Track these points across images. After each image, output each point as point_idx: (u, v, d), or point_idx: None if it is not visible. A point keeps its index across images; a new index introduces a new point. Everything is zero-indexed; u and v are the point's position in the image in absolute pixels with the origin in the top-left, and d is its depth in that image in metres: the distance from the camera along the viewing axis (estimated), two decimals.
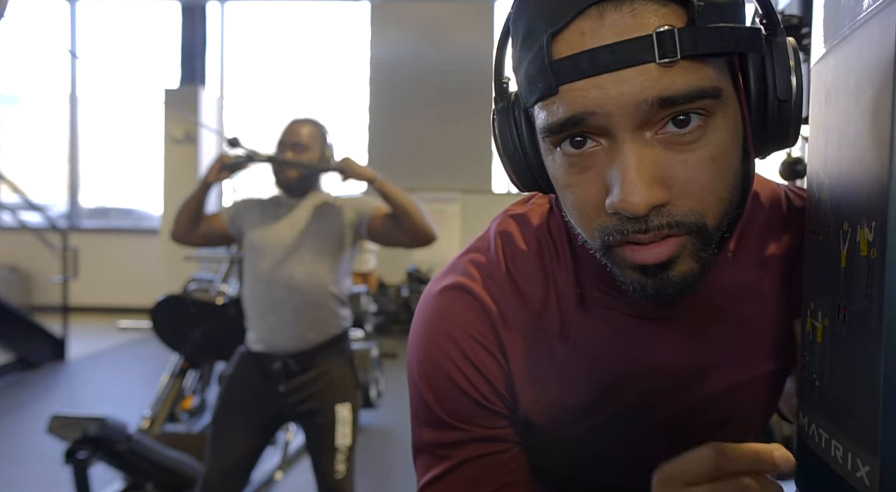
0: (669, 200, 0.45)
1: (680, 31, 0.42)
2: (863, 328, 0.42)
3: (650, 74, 0.43)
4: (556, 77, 0.45)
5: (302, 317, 1.93)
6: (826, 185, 0.50)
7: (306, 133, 1.99)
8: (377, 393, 3.96)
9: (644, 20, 0.43)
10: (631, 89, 0.43)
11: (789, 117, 0.49)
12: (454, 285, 0.60)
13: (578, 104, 0.44)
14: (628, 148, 0.45)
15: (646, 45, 0.42)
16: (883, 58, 0.40)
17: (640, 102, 0.43)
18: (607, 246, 0.49)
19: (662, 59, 0.42)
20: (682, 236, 0.47)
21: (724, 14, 0.45)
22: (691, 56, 0.43)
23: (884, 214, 0.39)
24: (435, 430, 0.61)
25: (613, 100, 0.43)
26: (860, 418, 0.42)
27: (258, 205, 2.03)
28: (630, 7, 0.43)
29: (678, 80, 0.43)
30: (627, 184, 0.44)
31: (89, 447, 2.19)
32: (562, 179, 0.49)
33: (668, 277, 0.48)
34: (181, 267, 6.22)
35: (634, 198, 0.44)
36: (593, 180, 0.47)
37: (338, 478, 1.91)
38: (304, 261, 1.93)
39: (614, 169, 0.45)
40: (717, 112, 0.46)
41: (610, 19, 0.43)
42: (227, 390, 1.99)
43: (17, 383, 4.81)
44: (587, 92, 0.44)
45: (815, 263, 0.53)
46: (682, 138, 0.45)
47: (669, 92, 0.43)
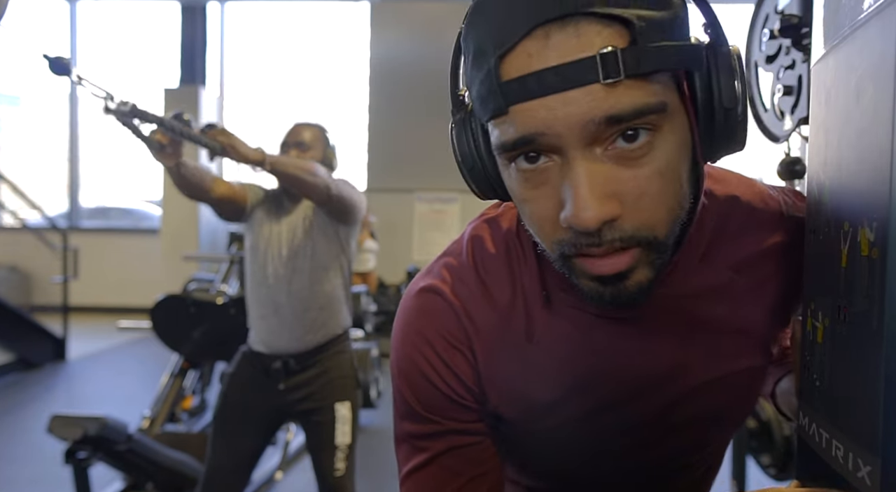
0: (621, 214, 0.47)
1: (623, 51, 0.43)
2: (863, 328, 0.42)
3: (596, 94, 0.44)
4: (506, 98, 0.46)
5: (302, 320, 1.93)
6: (826, 185, 0.50)
7: (309, 134, 2.00)
8: (377, 393, 3.96)
9: (588, 41, 0.44)
10: (578, 110, 0.44)
11: (736, 123, 0.50)
12: (427, 288, 0.63)
13: (528, 125, 0.46)
14: (579, 165, 0.46)
15: (590, 66, 0.43)
16: (883, 58, 0.40)
17: (587, 122, 0.44)
18: (564, 257, 0.50)
19: (606, 79, 0.43)
20: (635, 249, 0.48)
21: (666, 32, 0.45)
22: (635, 75, 0.44)
23: (885, 214, 0.39)
24: (413, 423, 0.64)
25: (561, 120, 0.45)
26: (860, 418, 0.42)
27: (267, 200, 2.02)
28: (574, 28, 0.44)
29: (623, 99, 0.44)
30: (579, 200, 0.45)
31: (89, 447, 2.19)
32: (518, 193, 0.51)
33: (623, 287, 0.50)
34: (181, 267, 6.23)
35: (586, 213, 0.45)
36: (548, 195, 0.48)
37: (338, 476, 1.92)
38: (304, 264, 1.93)
39: (566, 185, 0.46)
40: (664, 125, 0.47)
41: (555, 40, 0.44)
42: (229, 390, 1.99)
43: (17, 383, 4.81)
44: (536, 113, 0.45)
45: (816, 264, 0.53)
46: (632, 153, 0.46)
47: (615, 111, 0.44)
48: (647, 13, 0.44)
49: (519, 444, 0.67)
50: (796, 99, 1.30)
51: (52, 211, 7.48)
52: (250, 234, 2.00)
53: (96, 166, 8.45)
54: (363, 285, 5.06)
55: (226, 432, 1.95)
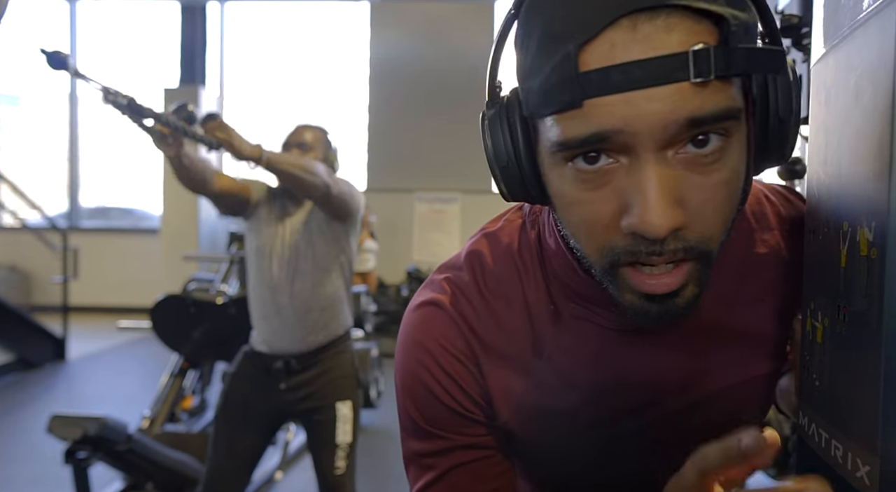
0: (685, 223, 0.45)
1: (715, 49, 0.41)
2: (863, 328, 0.42)
3: (683, 94, 0.42)
4: (583, 90, 0.42)
5: (304, 320, 1.94)
6: (826, 185, 0.50)
7: (310, 135, 2.01)
8: (377, 393, 3.96)
9: (677, 36, 0.41)
10: (663, 108, 0.42)
11: (787, 136, 0.49)
12: (429, 301, 0.62)
13: (605, 121, 0.43)
14: (652, 169, 0.43)
15: (681, 63, 0.41)
16: (883, 58, 0.40)
17: (670, 123, 0.42)
18: (614, 265, 0.48)
19: (697, 78, 0.41)
20: (689, 263, 0.47)
21: (751, 34, 0.44)
22: (723, 76, 0.42)
23: (884, 214, 0.39)
24: (419, 440, 0.62)
25: (643, 118, 0.42)
26: (860, 418, 0.42)
27: (270, 200, 2.01)
28: (664, 21, 0.41)
29: (709, 101, 0.42)
30: (650, 205, 0.43)
31: (89, 447, 2.19)
32: (570, 195, 0.48)
33: (673, 304, 0.48)
34: (181, 267, 6.23)
35: (657, 220, 0.43)
36: (607, 198, 0.46)
37: (338, 474, 1.92)
38: (305, 265, 1.93)
39: (634, 188, 0.44)
40: (735, 133, 0.45)
41: (643, 32, 0.41)
42: (230, 389, 1.99)
43: (17, 383, 4.81)
44: (615, 108, 0.42)
45: (815, 264, 0.53)
46: (703, 159, 0.44)
47: (700, 113, 0.42)
48: (738, 13, 0.43)
49: (531, 458, 0.66)
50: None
51: (52, 211, 7.49)
52: (252, 235, 2.00)
53: (96, 166, 8.45)
54: (363, 285, 5.06)
55: (227, 432, 1.95)
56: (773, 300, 0.62)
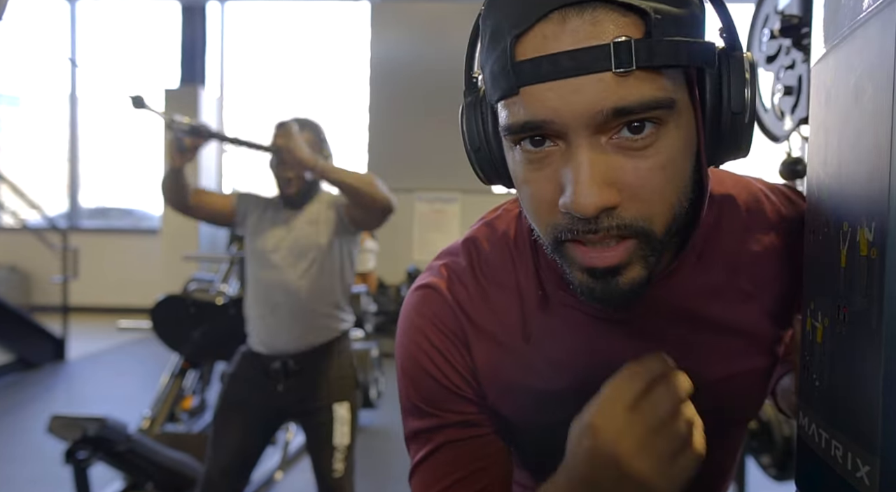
0: (619, 203, 0.47)
1: (636, 42, 0.43)
2: (863, 328, 0.42)
3: (606, 83, 0.44)
4: (518, 78, 0.46)
5: (301, 321, 1.93)
6: (826, 185, 0.50)
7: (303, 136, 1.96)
8: (377, 393, 3.96)
9: (603, 29, 0.44)
10: (587, 98, 0.44)
11: (742, 129, 0.51)
12: (424, 285, 0.65)
13: (538, 111, 0.46)
14: (582, 152, 0.46)
15: (603, 54, 0.44)
16: (883, 58, 0.40)
17: (596, 112, 0.45)
18: (558, 242, 0.51)
19: (618, 69, 0.43)
20: (630, 240, 0.49)
21: (682, 27, 0.46)
22: (647, 67, 0.44)
23: (884, 214, 0.39)
24: (416, 418, 0.65)
25: (570, 109, 0.45)
26: (860, 418, 0.42)
27: (263, 205, 2.02)
28: (591, 15, 0.44)
29: (633, 91, 0.44)
30: (579, 186, 0.46)
31: (89, 447, 2.19)
32: (520, 175, 0.51)
33: (616, 283, 0.50)
34: (181, 267, 6.23)
35: (585, 199, 0.45)
36: (549, 178, 0.49)
37: (336, 477, 1.92)
38: (303, 267, 1.93)
39: (568, 170, 0.47)
40: (670, 121, 0.47)
41: (571, 25, 0.44)
42: (228, 390, 1.99)
43: (17, 383, 4.81)
44: (546, 99, 0.45)
45: (815, 263, 0.53)
46: (635, 144, 0.46)
47: (624, 102, 0.44)
48: (664, 7, 0.45)
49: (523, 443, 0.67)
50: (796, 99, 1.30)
51: (52, 211, 7.49)
52: (250, 237, 2.00)
53: (96, 166, 8.45)
54: (363, 285, 5.06)
55: (226, 433, 1.95)
56: (767, 297, 0.63)
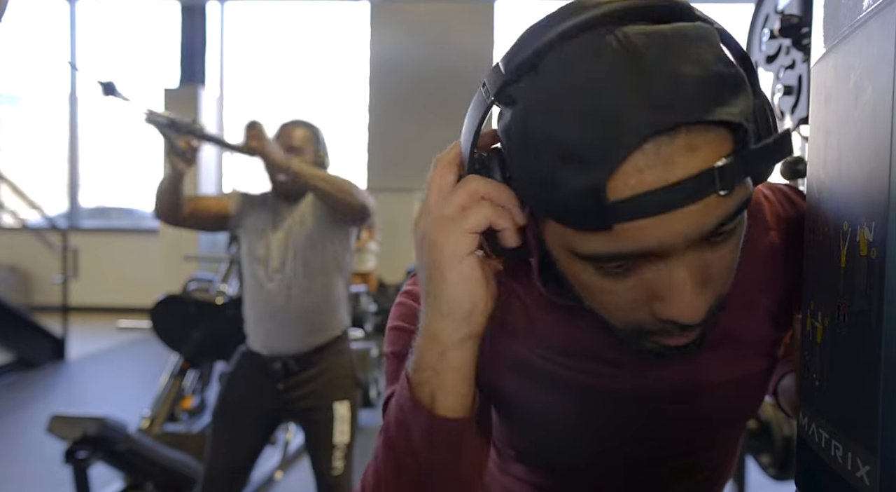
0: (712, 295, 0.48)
1: (735, 160, 0.42)
2: (862, 328, 0.42)
3: (711, 205, 0.43)
4: (615, 217, 0.42)
5: (300, 323, 1.93)
6: (826, 185, 0.50)
7: (298, 136, 1.95)
8: (377, 393, 3.95)
9: (702, 154, 0.42)
10: (693, 222, 0.43)
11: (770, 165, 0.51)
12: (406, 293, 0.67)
13: (637, 242, 0.43)
14: (685, 267, 0.45)
15: (707, 181, 0.42)
16: (883, 58, 0.40)
17: (703, 232, 0.44)
18: (641, 333, 0.50)
19: (723, 191, 0.42)
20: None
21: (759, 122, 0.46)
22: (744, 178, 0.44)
23: (884, 215, 0.39)
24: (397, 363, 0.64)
25: (676, 235, 0.43)
26: (860, 418, 0.42)
27: (259, 204, 2.01)
28: (685, 139, 0.41)
29: (732, 203, 0.44)
30: (686, 299, 0.45)
31: (89, 447, 2.19)
32: (594, 284, 0.48)
33: (686, 348, 0.51)
34: (181, 267, 6.22)
35: (696, 313, 0.46)
36: (635, 288, 0.47)
37: (335, 475, 1.92)
38: (301, 268, 1.92)
39: (666, 283, 0.46)
40: None
41: (666, 154, 0.41)
42: (227, 389, 1.99)
43: (17, 383, 4.81)
44: (648, 230, 0.43)
45: (815, 264, 0.53)
46: (719, 238, 0.46)
47: (726, 216, 0.44)
48: (743, 106, 0.43)
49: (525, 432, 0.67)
50: (796, 99, 1.30)
51: (52, 211, 7.48)
52: (246, 238, 1.98)
53: (96, 166, 8.45)
54: (363, 285, 5.05)
55: (224, 432, 1.95)
56: (768, 299, 0.63)
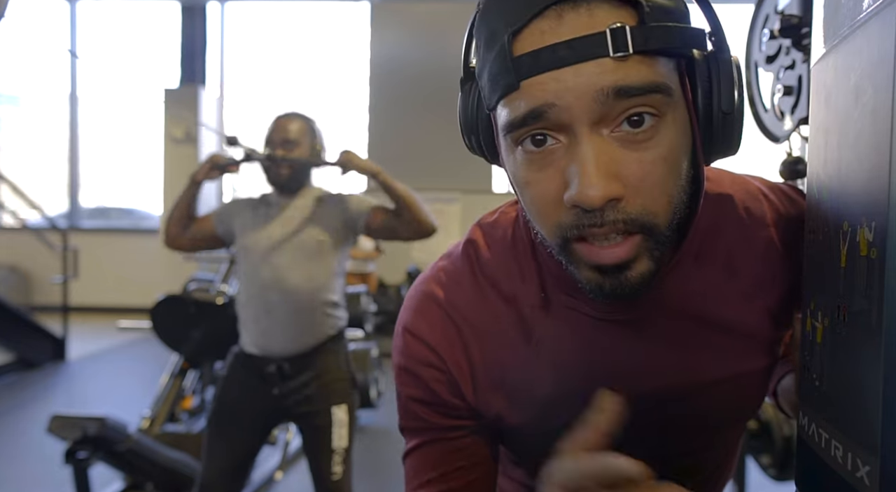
0: (624, 195, 0.48)
1: (632, 28, 0.46)
2: (863, 328, 0.42)
3: (606, 67, 0.46)
4: (518, 72, 0.47)
5: (296, 321, 1.91)
6: (826, 185, 0.50)
7: (295, 129, 1.95)
8: (377, 393, 3.95)
9: (599, 19, 0.46)
10: (588, 80, 0.46)
11: (732, 128, 0.52)
12: (424, 292, 0.66)
13: (539, 97, 0.47)
14: (586, 143, 0.47)
15: (600, 41, 0.46)
16: (883, 58, 0.40)
17: (597, 92, 0.46)
18: (565, 241, 0.51)
19: (616, 53, 0.45)
20: (636, 235, 0.49)
21: (672, 17, 0.48)
22: (642, 52, 0.46)
23: (884, 214, 0.39)
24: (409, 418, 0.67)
25: (572, 91, 0.46)
26: (860, 418, 0.42)
27: (249, 205, 2.00)
28: (587, 8, 0.46)
29: (632, 73, 0.46)
30: (585, 177, 0.46)
31: (89, 447, 2.19)
32: (522, 176, 0.51)
33: (625, 278, 0.51)
34: (181, 267, 6.22)
35: (592, 191, 0.46)
36: (552, 177, 0.49)
37: (335, 480, 1.91)
38: (296, 264, 1.91)
39: (573, 164, 0.48)
40: (668, 113, 0.49)
41: (567, 19, 0.46)
42: (222, 391, 1.98)
43: (17, 383, 4.81)
44: (547, 85, 0.47)
45: (815, 263, 0.53)
46: (636, 136, 0.48)
47: (624, 82, 0.46)
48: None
49: (525, 447, 0.68)
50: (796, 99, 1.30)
51: (52, 211, 7.49)
52: (241, 237, 1.98)
53: (96, 166, 8.45)
54: (363, 285, 5.05)
55: (221, 434, 1.94)
56: (767, 297, 0.63)
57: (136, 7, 8.53)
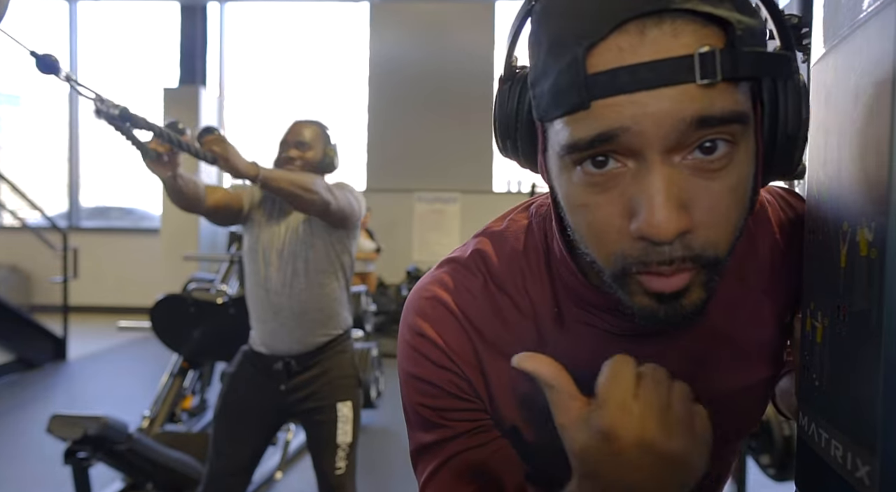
0: (693, 228, 0.45)
1: (721, 52, 0.42)
2: (863, 328, 0.42)
3: (690, 94, 0.42)
4: (590, 92, 0.43)
5: (302, 323, 1.93)
6: (826, 185, 0.50)
7: (309, 133, 1.98)
8: (377, 393, 3.96)
9: (685, 40, 0.42)
10: (670, 107, 0.42)
11: (794, 152, 0.50)
12: (433, 297, 0.62)
13: (613, 119, 0.43)
14: (658, 171, 0.44)
15: (687, 65, 0.42)
16: (883, 58, 0.40)
17: (678, 121, 0.42)
18: (625, 271, 0.48)
19: (703, 79, 0.42)
20: (698, 268, 0.47)
21: (758, 39, 0.45)
22: (729, 79, 0.43)
23: (884, 215, 0.39)
24: (424, 430, 0.63)
25: (650, 117, 0.42)
26: (859, 418, 0.42)
27: (265, 203, 2.00)
28: (671, 25, 0.42)
29: (716, 102, 0.43)
30: (656, 208, 0.43)
31: (89, 447, 2.19)
32: (578, 198, 0.48)
33: (679, 306, 0.48)
34: (181, 267, 6.23)
35: (664, 224, 0.43)
36: (614, 202, 0.46)
37: (338, 475, 1.91)
38: (303, 266, 1.92)
39: (640, 192, 0.44)
40: (742, 141, 0.45)
41: (650, 36, 0.42)
42: (229, 389, 1.99)
43: (17, 383, 4.81)
44: (623, 108, 0.43)
45: (815, 264, 0.53)
46: (709, 165, 0.45)
47: (707, 112, 0.42)
48: (744, 18, 0.43)
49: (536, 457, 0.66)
50: None
51: (52, 211, 7.49)
52: (249, 236, 1.99)
53: (96, 166, 8.45)
54: (363, 285, 5.06)
55: (227, 433, 1.95)
56: (773, 304, 0.62)
57: (135, 7, 8.53)
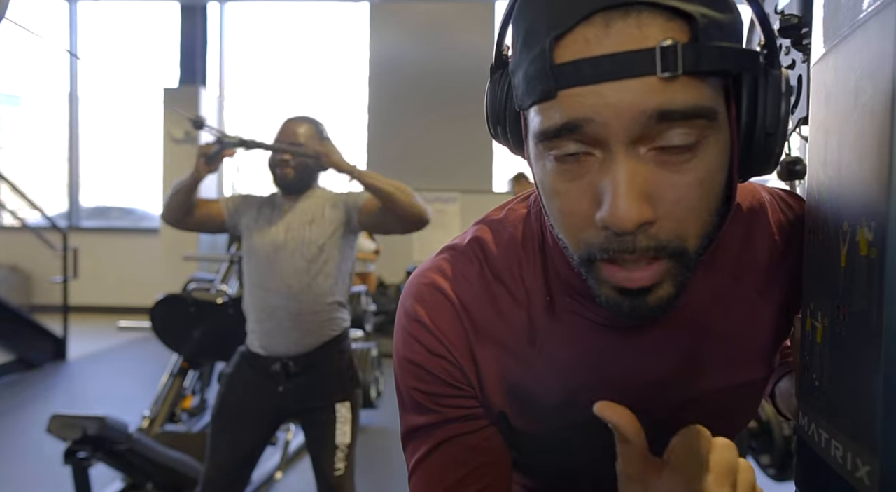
0: (656, 219, 0.45)
1: (683, 46, 0.43)
2: (863, 328, 0.42)
3: (651, 87, 0.43)
4: (557, 81, 0.44)
5: (300, 324, 1.92)
6: (826, 185, 0.50)
7: (302, 131, 1.98)
8: (377, 393, 3.96)
9: (649, 33, 0.43)
10: (631, 99, 0.43)
11: (773, 148, 0.50)
12: (430, 283, 0.63)
13: (576, 110, 0.44)
14: (621, 161, 0.45)
15: (649, 58, 0.42)
16: (883, 58, 0.40)
17: (639, 114, 0.43)
18: (590, 259, 0.49)
19: (664, 72, 0.42)
20: (664, 260, 0.47)
21: (726, 34, 0.45)
22: (692, 73, 0.43)
23: (884, 214, 0.39)
24: (416, 414, 0.63)
25: (612, 108, 0.43)
26: (859, 418, 0.42)
27: (256, 205, 2.02)
28: (636, 18, 0.43)
29: (678, 96, 0.43)
30: (618, 198, 0.44)
31: (89, 447, 2.19)
32: (550, 185, 0.49)
33: (645, 301, 0.49)
34: (181, 267, 6.22)
35: (625, 214, 0.44)
36: (583, 190, 0.47)
37: (337, 475, 1.91)
38: (300, 267, 1.92)
39: (606, 182, 0.45)
40: (710, 135, 0.46)
41: (615, 28, 0.43)
42: (227, 390, 1.99)
43: (17, 383, 4.81)
44: (586, 99, 0.44)
45: (815, 264, 0.53)
46: (674, 158, 0.45)
47: (668, 106, 0.43)
48: (710, 12, 0.44)
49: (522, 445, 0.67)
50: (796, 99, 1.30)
51: (52, 211, 7.49)
52: (247, 238, 1.99)
53: (96, 166, 8.45)
54: (363, 285, 5.05)
55: (225, 433, 1.94)
56: (769, 305, 0.62)
57: (135, 7, 8.53)
